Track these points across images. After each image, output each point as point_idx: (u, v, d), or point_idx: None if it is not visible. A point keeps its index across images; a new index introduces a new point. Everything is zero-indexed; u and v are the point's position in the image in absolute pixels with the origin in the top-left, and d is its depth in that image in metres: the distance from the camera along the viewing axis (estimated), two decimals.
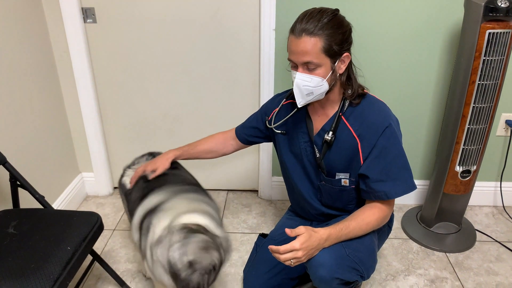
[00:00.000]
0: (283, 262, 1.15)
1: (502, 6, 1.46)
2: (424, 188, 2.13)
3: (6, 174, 1.44)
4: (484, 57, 1.53)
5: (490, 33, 1.49)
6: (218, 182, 2.31)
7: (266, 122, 1.51)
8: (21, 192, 1.49)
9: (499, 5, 1.46)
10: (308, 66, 1.20)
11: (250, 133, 1.58)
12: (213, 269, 1.16)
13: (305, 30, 1.16)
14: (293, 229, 1.17)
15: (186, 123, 2.13)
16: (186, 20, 1.88)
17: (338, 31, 1.18)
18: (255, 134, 1.58)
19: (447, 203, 1.87)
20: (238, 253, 1.84)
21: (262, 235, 1.66)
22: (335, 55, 1.21)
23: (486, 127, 1.67)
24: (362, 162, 1.29)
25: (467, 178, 1.78)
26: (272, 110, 1.50)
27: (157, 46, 1.94)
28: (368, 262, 1.29)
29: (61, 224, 1.33)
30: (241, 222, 2.06)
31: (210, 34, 1.90)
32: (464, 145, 1.71)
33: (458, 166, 1.76)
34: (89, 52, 1.95)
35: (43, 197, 1.49)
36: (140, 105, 2.08)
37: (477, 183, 1.96)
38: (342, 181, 1.36)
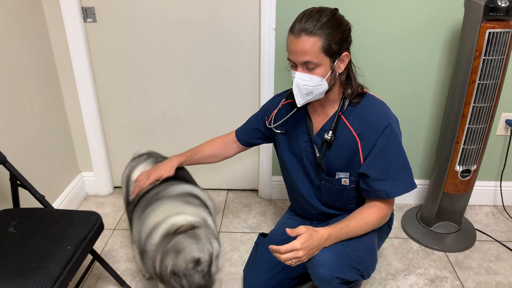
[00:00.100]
0: (284, 262, 1.16)
1: (502, 5, 1.46)
2: (424, 187, 2.13)
3: (7, 173, 1.45)
4: (484, 56, 1.53)
5: (490, 32, 1.49)
6: (218, 182, 2.31)
7: (266, 122, 1.51)
8: (21, 191, 1.49)
9: (499, 4, 1.46)
10: (307, 66, 1.20)
11: (251, 134, 1.58)
12: (197, 263, 1.14)
13: (304, 30, 1.17)
14: (293, 228, 1.17)
15: (186, 123, 2.13)
16: (186, 20, 1.88)
17: (337, 31, 1.18)
18: (256, 135, 1.58)
19: (447, 203, 1.87)
20: (238, 252, 1.84)
21: (262, 235, 1.66)
22: (335, 55, 1.21)
23: (486, 127, 1.67)
24: (362, 161, 1.29)
25: (467, 178, 1.78)
26: (272, 110, 1.50)
27: (157, 46, 1.94)
28: (368, 261, 1.29)
29: (61, 223, 1.33)
30: (241, 221, 2.06)
31: (210, 34, 1.90)
32: (464, 144, 1.71)
33: (458, 166, 1.76)
34: (89, 51, 1.95)
35: (43, 196, 1.49)
36: (140, 105, 2.08)
37: (477, 183, 1.96)
38: (342, 180, 1.36)
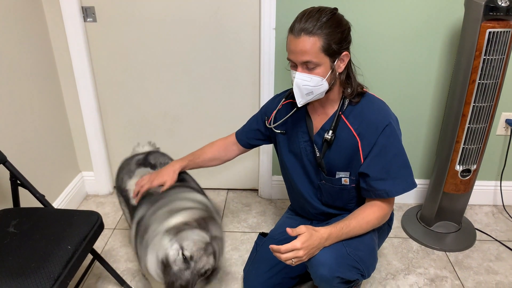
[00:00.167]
0: (284, 262, 1.16)
1: (503, 5, 1.46)
2: (424, 187, 2.13)
3: (7, 173, 1.44)
4: (484, 56, 1.53)
5: (490, 32, 1.49)
6: (218, 181, 2.31)
7: (266, 122, 1.51)
8: (21, 191, 1.49)
9: (500, 4, 1.46)
10: (307, 66, 1.20)
11: (251, 135, 1.58)
12: (204, 273, 1.14)
13: (304, 30, 1.16)
14: (294, 228, 1.17)
15: (186, 123, 2.13)
16: (186, 20, 1.88)
17: (337, 30, 1.18)
18: (256, 136, 1.57)
19: (447, 202, 1.87)
20: (238, 252, 1.84)
21: (262, 234, 1.66)
22: (334, 54, 1.21)
23: (486, 126, 1.67)
24: (362, 161, 1.29)
25: (467, 177, 1.78)
26: (272, 110, 1.50)
27: (157, 46, 1.94)
28: (368, 260, 1.29)
29: (61, 223, 1.33)
30: (241, 221, 2.06)
31: (210, 34, 1.90)
32: (464, 144, 1.71)
33: (458, 165, 1.76)
34: (89, 51, 1.95)
35: (44, 196, 1.49)
36: (140, 104, 2.08)
37: (477, 182, 1.96)
38: (343, 180, 1.36)
